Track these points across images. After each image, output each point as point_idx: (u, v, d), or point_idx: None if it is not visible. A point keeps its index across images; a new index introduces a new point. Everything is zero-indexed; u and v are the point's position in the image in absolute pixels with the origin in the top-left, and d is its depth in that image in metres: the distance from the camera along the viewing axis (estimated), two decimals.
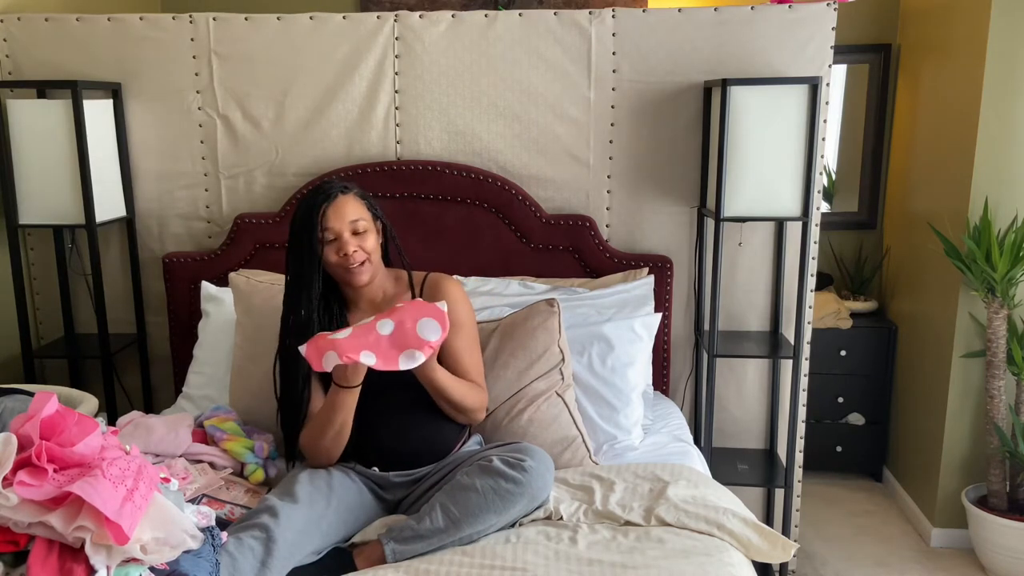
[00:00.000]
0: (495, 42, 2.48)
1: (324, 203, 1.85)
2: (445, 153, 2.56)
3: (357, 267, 1.87)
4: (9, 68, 2.58)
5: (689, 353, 2.66)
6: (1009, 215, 2.65)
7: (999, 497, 2.69)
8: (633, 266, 2.51)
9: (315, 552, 1.67)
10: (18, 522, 1.31)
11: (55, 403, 1.42)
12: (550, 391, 2.08)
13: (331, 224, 1.85)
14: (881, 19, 3.32)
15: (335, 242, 1.86)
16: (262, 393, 2.16)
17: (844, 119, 3.42)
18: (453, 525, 1.67)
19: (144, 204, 2.66)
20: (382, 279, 1.99)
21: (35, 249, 2.72)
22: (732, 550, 1.70)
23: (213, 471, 1.95)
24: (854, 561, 2.81)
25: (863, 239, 3.47)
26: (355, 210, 1.88)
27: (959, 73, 2.77)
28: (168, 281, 2.61)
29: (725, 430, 2.68)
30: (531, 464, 1.73)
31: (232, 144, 2.59)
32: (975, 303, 2.72)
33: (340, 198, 1.87)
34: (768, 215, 2.34)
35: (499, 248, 2.54)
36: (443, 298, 1.89)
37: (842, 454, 3.32)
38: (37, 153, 2.42)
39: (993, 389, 2.65)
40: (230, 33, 2.53)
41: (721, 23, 2.43)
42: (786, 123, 2.26)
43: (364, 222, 1.88)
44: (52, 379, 2.79)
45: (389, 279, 2.01)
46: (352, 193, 1.90)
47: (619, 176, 2.55)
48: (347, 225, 1.86)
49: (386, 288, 1.99)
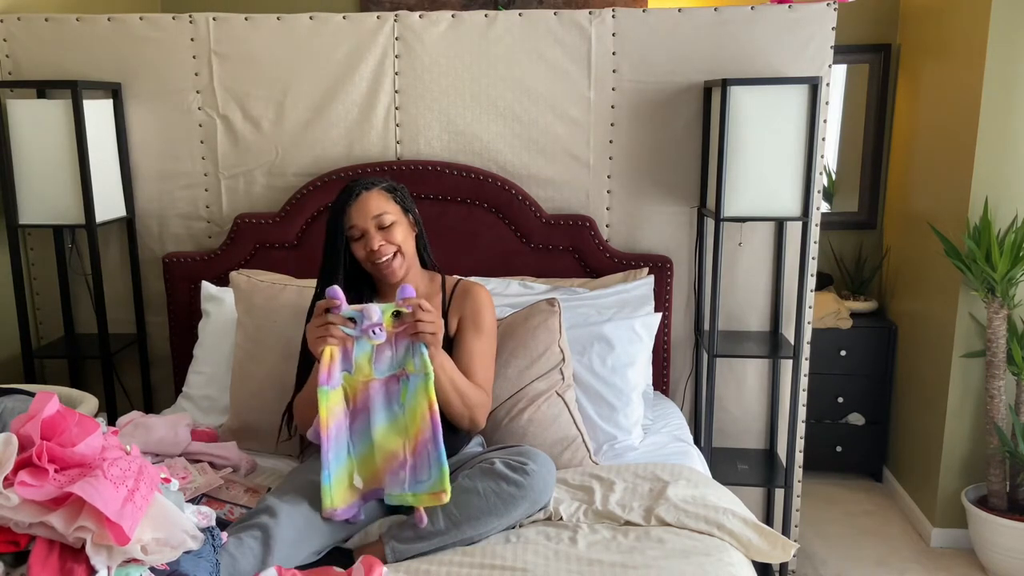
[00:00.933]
0: (495, 42, 2.48)
1: (347, 203, 1.88)
2: (445, 153, 2.56)
3: (387, 260, 1.88)
4: (9, 68, 2.58)
5: (689, 353, 2.66)
6: (1009, 215, 2.65)
7: (999, 497, 2.69)
8: (633, 266, 2.51)
9: (316, 552, 1.67)
10: (19, 522, 1.31)
11: (56, 403, 1.42)
12: (550, 391, 2.08)
13: (355, 221, 1.87)
14: (881, 19, 3.32)
15: (362, 239, 1.88)
16: (262, 392, 2.17)
17: (844, 119, 3.42)
18: (454, 527, 1.67)
19: (144, 204, 2.66)
20: (417, 276, 1.99)
21: (35, 249, 2.72)
22: (732, 550, 1.70)
23: (213, 471, 1.95)
24: (854, 561, 2.81)
25: (863, 239, 3.47)
26: (379, 205, 1.89)
27: (959, 73, 2.77)
28: (168, 281, 2.61)
29: (725, 430, 2.68)
30: (533, 467, 1.73)
31: (232, 144, 2.59)
32: (975, 303, 2.72)
33: (363, 195, 1.89)
34: (768, 215, 2.34)
35: (499, 248, 2.54)
36: (472, 302, 1.94)
37: (842, 454, 3.33)
38: (37, 153, 2.42)
39: (993, 389, 2.66)
40: (230, 33, 2.53)
41: (721, 23, 2.43)
42: (786, 123, 2.26)
43: (390, 215, 1.89)
44: (52, 379, 2.79)
45: (424, 278, 2.02)
46: (377, 188, 1.91)
47: (619, 176, 2.55)
48: (371, 220, 1.87)
49: (419, 285, 1.99)
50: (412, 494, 1.68)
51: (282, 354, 2.15)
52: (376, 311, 1.67)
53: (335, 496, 1.68)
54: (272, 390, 2.14)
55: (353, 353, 1.71)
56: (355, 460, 1.72)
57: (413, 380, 1.70)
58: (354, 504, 1.71)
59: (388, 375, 1.73)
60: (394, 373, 1.73)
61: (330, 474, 1.68)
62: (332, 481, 1.68)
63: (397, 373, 1.73)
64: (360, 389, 1.72)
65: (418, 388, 1.70)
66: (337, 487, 1.69)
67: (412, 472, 1.68)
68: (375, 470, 1.72)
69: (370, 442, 1.71)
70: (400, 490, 1.69)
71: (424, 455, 1.68)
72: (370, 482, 1.72)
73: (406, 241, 1.91)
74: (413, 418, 1.70)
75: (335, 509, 1.68)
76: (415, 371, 1.71)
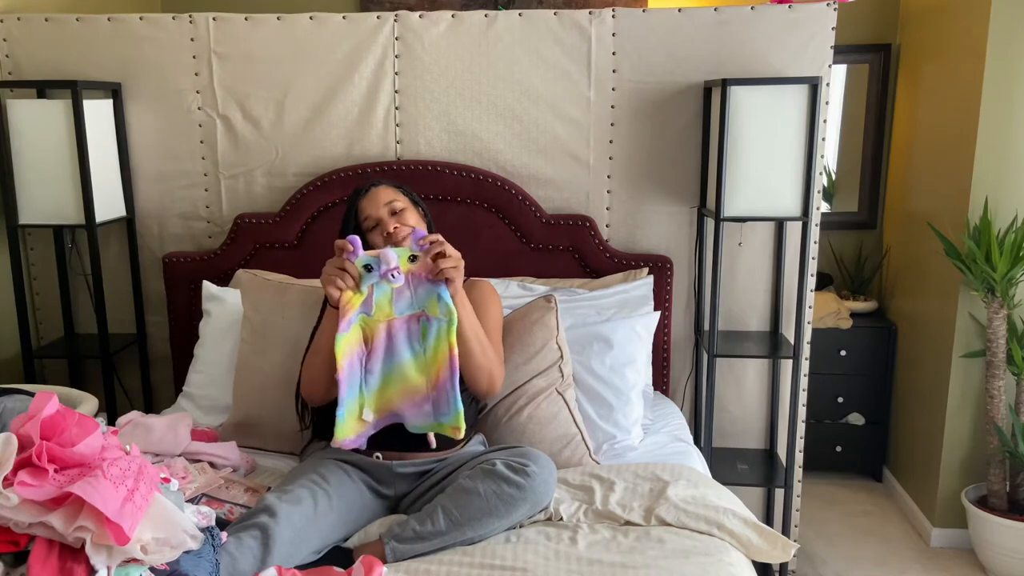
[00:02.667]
0: (495, 42, 2.48)
1: (358, 198, 2.00)
2: (445, 153, 2.56)
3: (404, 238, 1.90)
4: (9, 68, 2.58)
5: (689, 353, 2.66)
6: (1009, 215, 2.65)
7: (999, 497, 2.69)
8: (633, 266, 2.51)
9: (316, 551, 1.67)
10: (18, 522, 1.31)
11: (55, 403, 1.42)
12: (550, 388, 2.08)
13: (369, 212, 1.96)
14: (881, 19, 3.33)
15: (377, 227, 1.95)
16: (267, 388, 2.18)
17: (844, 119, 3.42)
18: (455, 528, 1.67)
19: (144, 204, 2.66)
20: None
21: (35, 249, 2.72)
22: (732, 550, 1.70)
23: (213, 470, 1.95)
24: (854, 561, 2.81)
25: (863, 239, 3.47)
26: (388, 194, 1.99)
27: (959, 73, 2.77)
28: (168, 281, 2.61)
29: (725, 430, 2.68)
30: (534, 469, 1.73)
31: (232, 144, 2.59)
32: (975, 303, 2.72)
33: (373, 189, 2.00)
34: (768, 215, 2.34)
35: (499, 248, 2.54)
36: (479, 294, 2.01)
37: (842, 454, 3.33)
38: (37, 153, 2.42)
39: (993, 389, 2.66)
40: (230, 33, 2.53)
41: (721, 23, 2.43)
42: (786, 123, 2.26)
43: (400, 203, 1.98)
44: (52, 379, 2.79)
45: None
46: (385, 184, 2.02)
47: (619, 176, 2.55)
48: (383, 208, 1.96)
49: None
50: (436, 424, 1.80)
51: (288, 351, 2.16)
52: (393, 256, 1.76)
53: (345, 428, 1.76)
54: (276, 386, 2.15)
55: (374, 295, 1.78)
56: (366, 394, 1.79)
57: (436, 323, 1.80)
58: (362, 434, 1.80)
59: (408, 314, 1.80)
60: (414, 313, 1.81)
61: (344, 411, 1.76)
62: (344, 416, 1.76)
63: (417, 313, 1.81)
64: (379, 329, 1.80)
65: (441, 331, 1.79)
66: (348, 420, 1.77)
67: (434, 406, 1.79)
68: (390, 402, 1.80)
69: (388, 377, 1.80)
70: (424, 421, 1.80)
71: (444, 392, 1.78)
72: (382, 412, 1.80)
73: (419, 225, 1.98)
74: (435, 357, 1.79)
75: (343, 440, 1.76)
76: (439, 315, 1.79)
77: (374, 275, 1.77)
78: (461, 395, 1.80)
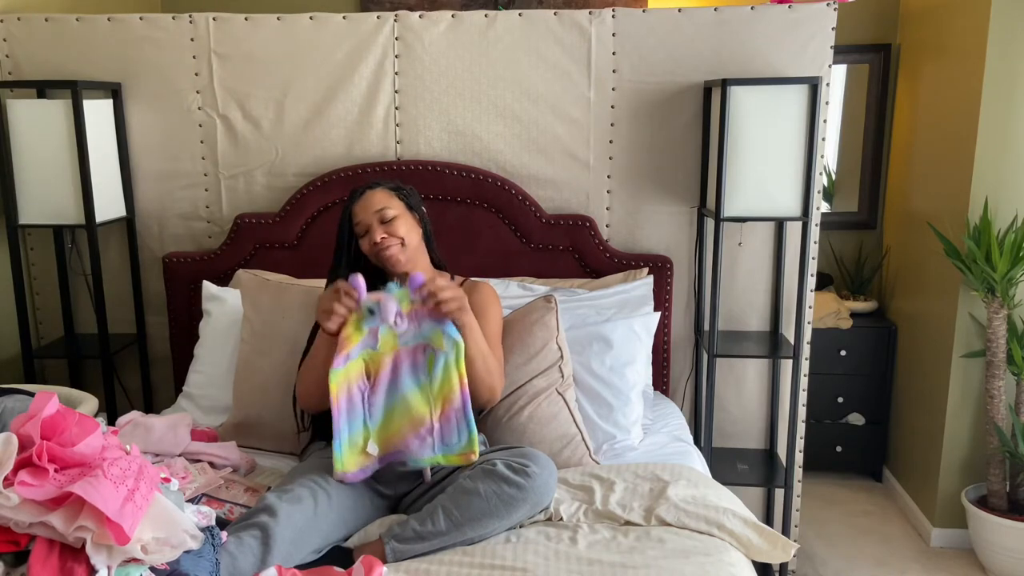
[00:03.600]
0: (495, 42, 2.48)
1: (352, 201, 1.99)
2: (445, 153, 2.56)
3: (390, 251, 1.93)
4: (9, 68, 2.58)
5: (689, 353, 2.66)
6: (1009, 215, 2.65)
7: (999, 497, 2.69)
8: (633, 266, 2.51)
9: (316, 551, 1.67)
10: (19, 522, 1.31)
11: (56, 403, 1.42)
12: (550, 388, 2.08)
13: (360, 217, 1.97)
14: (881, 19, 3.33)
15: (367, 234, 1.96)
16: (267, 388, 2.18)
17: (844, 119, 3.42)
18: (455, 528, 1.67)
19: (144, 204, 2.66)
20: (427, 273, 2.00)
21: (35, 249, 2.72)
22: (732, 550, 1.70)
23: (213, 470, 1.95)
24: (854, 561, 2.81)
25: (863, 239, 3.47)
26: (381, 200, 1.98)
27: (959, 73, 2.77)
28: (168, 281, 2.61)
29: (725, 430, 2.68)
30: (535, 470, 1.72)
31: (232, 144, 2.59)
32: (975, 303, 2.72)
33: (367, 193, 1.99)
34: (768, 215, 2.34)
35: (499, 248, 2.54)
36: (479, 296, 2.01)
37: (842, 454, 3.33)
38: (37, 153, 2.42)
39: (993, 389, 2.66)
40: (230, 33, 2.53)
41: (721, 23, 2.43)
42: (786, 123, 2.26)
43: (392, 210, 1.97)
44: (52, 379, 2.79)
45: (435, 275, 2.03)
46: (381, 188, 2.01)
47: (619, 176, 2.55)
48: (373, 215, 1.95)
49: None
50: (443, 456, 1.78)
51: (288, 351, 2.16)
52: (393, 306, 1.76)
53: (346, 462, 1.76)
54: (276, 386, 2.15)
55: (378, 332, 1.79)
56: (371, 427, 1.79)
57: (441, 356, 1.78)
58: (367, 467, 1.78)
59: (414, 344, 1.80)
60: (420, 343, 1.80)
61: (341, 443, 1.75)
62: (343, 449, 1.75)
63: (423, 343, 1.80)
64: (385, 361, 1.79)
65: (448, 362, 1.78)
66: (348, 453, 1.76)
67: (440, 437, 1.78)
68: (396, 436, 1.79)
69: (391, 410, 1.79)
70: (428, 454, 1.78)
71: (453, 422, 1.78)
72: (387, 447, 1.79)
73: (409, 234, 1.97)
74: (442, 389, 1.79)
75: (345, 473, 1.75)
76: (444, 349, 1.78)
77: (375, 319, 1.77)
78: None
